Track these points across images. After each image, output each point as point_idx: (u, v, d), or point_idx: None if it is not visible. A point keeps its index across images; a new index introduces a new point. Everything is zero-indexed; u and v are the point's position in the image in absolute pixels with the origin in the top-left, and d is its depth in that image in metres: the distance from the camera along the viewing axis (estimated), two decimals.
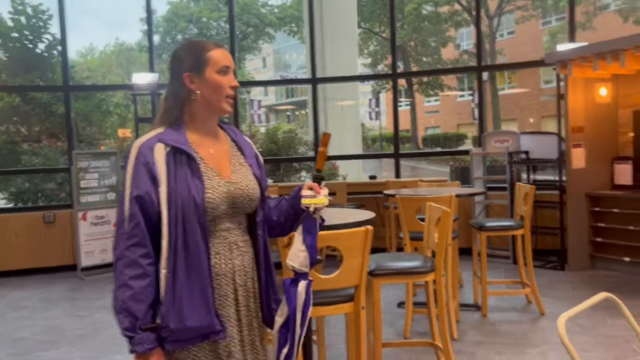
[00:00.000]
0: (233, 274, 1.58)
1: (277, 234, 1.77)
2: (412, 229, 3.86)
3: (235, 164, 1.63)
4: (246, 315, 1.60)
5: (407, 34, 25.12)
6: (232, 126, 1.74)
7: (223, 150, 1.64)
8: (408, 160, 22.03)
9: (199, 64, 1.58)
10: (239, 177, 1.62)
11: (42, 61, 10.81)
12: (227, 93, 1.61)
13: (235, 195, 1.58)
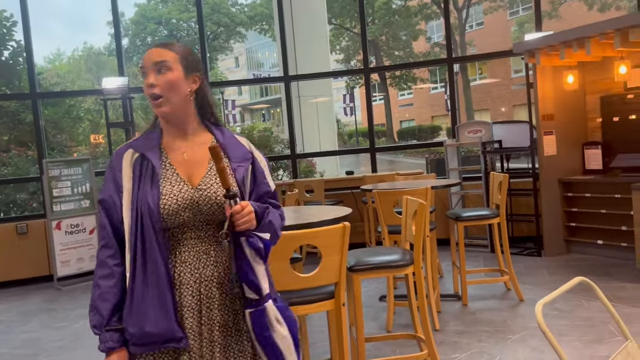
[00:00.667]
0: (199, 285, 1.51)
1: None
2: (390, 223, 3.88)
3: (212, 168, 1.55)
4: (208, 329, 1.52)
5: (378, 29, 25.24)
6: (224, 129, 1.66)
7: (200, 154, 1.57)
8: (385, 154, 22.14)
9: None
10: (210, 182, 1.54)
11: (8, 68, 10.55)
12: (147, 94, 1.55)
13: (200, 202, 1.51)
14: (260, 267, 1.51)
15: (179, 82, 1.54)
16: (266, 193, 1.65)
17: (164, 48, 1.56)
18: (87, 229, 6.41)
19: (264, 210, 1.56)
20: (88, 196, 6.47)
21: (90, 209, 6.45)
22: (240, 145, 1.64)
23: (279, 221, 1.66)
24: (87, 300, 1.53)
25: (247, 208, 1.48)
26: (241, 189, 1.56)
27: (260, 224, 1.54)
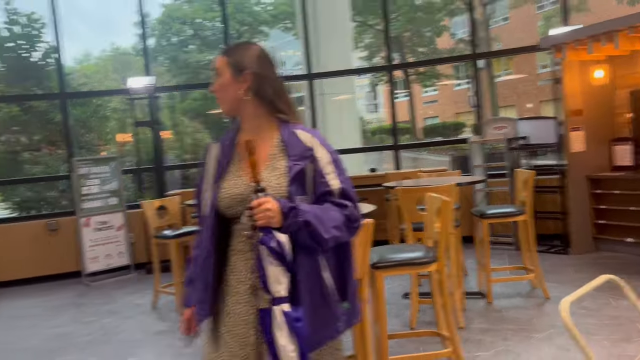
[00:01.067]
0: (250, 273, 1.62)
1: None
2: (414, 220, 3.87)
3: (270, 166, 1.62)
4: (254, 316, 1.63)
5: (402, 25, 25.05)
6: (291, 125, 1.66)
7: (263, 151, 1.64)
8: (408, 151, 22.00)
9: None
10: (263, 177, 1.58)
11: (38, 70, 10.82)
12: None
13: (248, 197, 1.56)
14: (273, 267, 1.50)
15: (227, 86, 1.67)
16: (326, 192, 1.59)
17: (220, 54, 1.71)
18: (115, 226, 6.54)
19: (289, 210, 1.51)
20: (116, 194, 6.60)
21: (118, 207, 6.58)
22: (299, 143, 1.62)
23: (337, 220, 1.56)
24: (117, 295, 1.71)
25: (265, 205, 1.49)
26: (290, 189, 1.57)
27: (285, 223, 1.51)
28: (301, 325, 1.50)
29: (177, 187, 11.55)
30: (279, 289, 1.51)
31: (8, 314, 5.26)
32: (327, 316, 1.60)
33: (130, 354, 3.88)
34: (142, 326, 4.50)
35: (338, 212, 1.59)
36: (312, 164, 1.61)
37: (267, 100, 1.66)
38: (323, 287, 1.59)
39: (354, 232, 1.64)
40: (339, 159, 1.67)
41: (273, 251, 1.50)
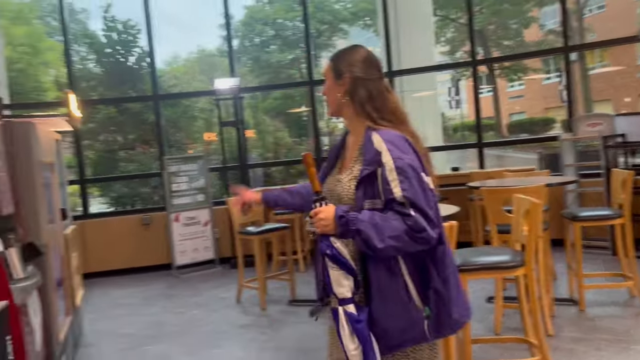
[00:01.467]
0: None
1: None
2: (499, 222, 3.73)
3: (348, 167, 1.75)
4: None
5: (486, 18, 24.16)
6: (372, 130, 1.69)
7: (352, 153, 1.77)
8: (493, 149, 21.19)
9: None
10: (340, 177, 1.75)
11: (133, 73, 11.54)
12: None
13: (328, 192, 1.74)
14: (334, 271, 1.59)
15: (330, 89, 1.79)
16: (389, 200, 1.59)
17: (329, 60, 1.80)
18: (202, 222, 6.84)
19: (339, 218, 1.57)
20: (203, 191, 6.91)
21: (205, 203, 6.88)
22: (372, 149, 1.64)
23: (396, 230, 1.55)
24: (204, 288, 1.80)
25: (319, 214, 1.59)
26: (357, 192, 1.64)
27: (339, 231, 1.57)
28: (361, 326, 1.56)
29: (259, 184, 11.88)
30: (342, 291, 1.58)
31: (109, 302, 5.67)
32: (403, 320, 1.60)
33: (216, 346, 4.05)
34: (227, 319, 4.68)
35: (399, 221, 1.55)
36: (381, 169, 1.61)
37: (359, 103, 1.73)
38: (397, 290, 1.60)
39: (420, 243, 1.56)
40: (406, 166, 1.60)
41: (330, 257, 1.58)
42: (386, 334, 1.59)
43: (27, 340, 2.73)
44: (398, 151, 1.61)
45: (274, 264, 6.17)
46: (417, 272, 1.62)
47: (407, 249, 1.57)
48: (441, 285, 1.63)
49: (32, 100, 16.14)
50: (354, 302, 1.58)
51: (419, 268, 1.63)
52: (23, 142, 3.25)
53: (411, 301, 1.60)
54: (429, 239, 1.57)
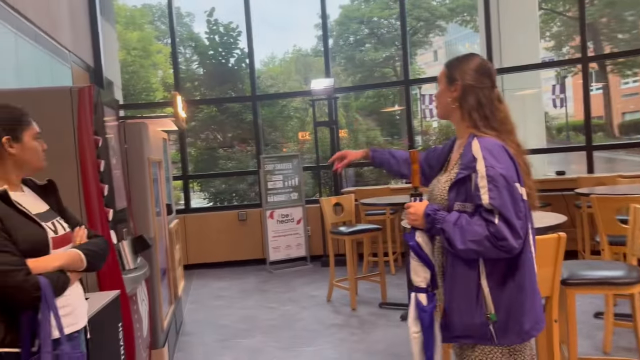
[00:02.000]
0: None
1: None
2: (611, 233, 3.45)
3: (449, 171, 1.83)
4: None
5: (598, 10, 22.46)
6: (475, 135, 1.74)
7: (456, 156, 1.85)
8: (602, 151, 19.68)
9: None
10: (440, 177, 1.85)
11: (233, 74, 12.03)
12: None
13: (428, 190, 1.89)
14: (413, 261, 1.75)
15: (441, 94, 1.86)
16: (478, 205, 1.66)
17: (444, 65, 1.87)
18: (295, 219, 6.98)
19: (434, 217, 1.69)
20: (297, 189, 7.04)
21: (298, 201, 7.01)
22: (469, 154, 1.71)
23: (477, 235, 1.61)
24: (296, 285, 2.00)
25: (412, 209, 1.74)
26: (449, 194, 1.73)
27: (426, 227, 1.72)
28: (424, 316, 1.71)
29: (351, 184, 11.92)
30: (417, 280, 1.75)
31: (208, 293, 5.95)
32: (467, 318, 1.70)
33: (308, 344, 4.10)
34: (318, 318, 4.73)
35: (482, 227, 1.62)
36: (474, 174, 1.68)
37: (467, 110, 1.79)
38: (470, 290, 1.68)
39: (501, 251, 1.61)
40: (497, 175, 1.63)
41: (411, 248, 1.75)
42: (451, 324, 1.73)
43: (135, 328, 2.93)
44: (493, 160, 1.66)
45: (364, 265, 6.15)
46: (493, 277, 1.68)
47: (488, 254, 1.64)
48: (515, 293, 1.68)
49: (142, 100, 17.38)
50: (426, 292, 1.73)
51: (497, 273, 1.68)
52: (136, 141, 3.49)
53: (479, 303, 1.68)
54: (510, 249, 1.61)
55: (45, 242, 1.73)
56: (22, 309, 1.63)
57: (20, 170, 1.80)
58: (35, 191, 1.86)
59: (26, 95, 2.92)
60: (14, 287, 1.59)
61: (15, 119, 1.77)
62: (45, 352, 1.62)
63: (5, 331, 1.63)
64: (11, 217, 1.66)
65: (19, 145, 1.76)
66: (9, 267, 1.59)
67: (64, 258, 1.75)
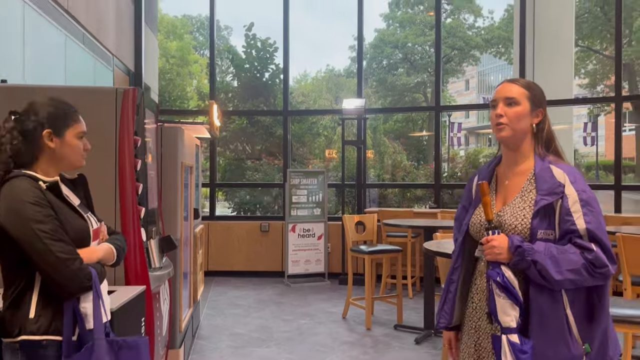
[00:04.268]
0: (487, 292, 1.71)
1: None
2: (635, 273, 3.42)
3: (519, 197, 1.72)
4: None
5: (635, 52, 22.23)
6: (548, 159, 1.72)
7: (516, 182, 1.76)
8: (632, 193, 19.31)
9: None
10: (509, 210, 1.72)
11: (267, 88, 12.23)
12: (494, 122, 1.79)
13: (498, 222, 1.72)
14: (501, 299, 1.61)
15: (522, 116, 1.72)
16: (569, 232, 1.62)
17: (516, 84, 1.76)
18: (316, 235, 7.03)
19: (515, 249, 1.60)
20: (320, 205, 7.11)
21: (320, 217, 7.07)
22: (552, 179, 1.67)
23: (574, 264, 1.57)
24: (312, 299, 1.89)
25: (493, 242, 1.64)
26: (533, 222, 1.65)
27: (512, 260, 1.62)
28: (526, 357, 1.57)
29: (374, 205, 11.93)
30: (507, 320, 1.61)
31: (226, 300, 6.02)
32: (561, 353, 1.61)
33: (319, 358, 4.13)
34: (333, 333, 4.75)
35: (579, 255, 1.59)
36: (561, 200, 1.63)
37: (545, 139, 1.76)
38: (560, 323, 1.61)
39: (600, 278, 1.60)
40: (592, 199, 1.64)
41: (498, 285, 1.61)
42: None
43: (156, 325, 3.01)
44: (582, 184, 1.66)
45: (382, 286, 6.16)
46: (578, 305, 1.63)
47: (584, 283, 1.60)
48: (606, 320, 1.65)
49: (177, 107, 17.77)
50: (518, 332, 1.60)
51: (578, 301, 1.64)
52: (171, 145, 3.62)
53: (572, 335, 1.61)
54: (608, 275, 1.59)
55: (88, 234, 1.79)
56: (71, 297, 1.67)
57: (58, 166, 1.79)
58: (66, 184, 1.87)
59: (74, 92, 3.06)
60: (69, 275, 1.63)
61: (60, 114, 1.78)
62: (99, 339, 1.67)
63: (51, 319, 1.67)
64: (61, 208, 1.72)
65: (58, 140, 1.76)
66: (66, 256, 1.63)
67: (102, 251, 1.81)
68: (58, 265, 1.62)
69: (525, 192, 1.72)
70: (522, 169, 1.76)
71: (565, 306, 1.62)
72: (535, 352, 1.59)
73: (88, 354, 1.65)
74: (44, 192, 1.67)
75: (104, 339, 1.69)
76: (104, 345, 1.68)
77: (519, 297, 1.61)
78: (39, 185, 1.68)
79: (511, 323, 1.60)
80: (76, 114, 1.84)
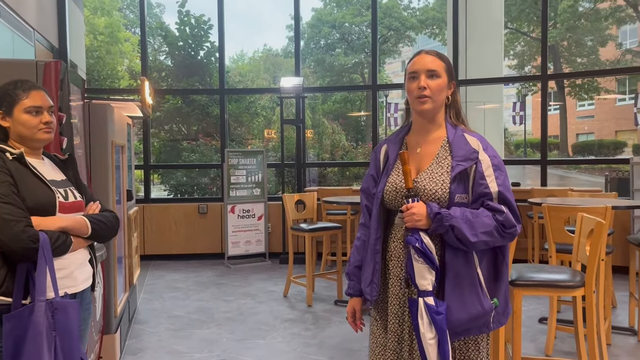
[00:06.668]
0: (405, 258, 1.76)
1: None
2: (559, 241, 3.61)
3: (435, 162, 1.77)
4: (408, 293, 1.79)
5: (560, 34, 23.35)
6: (460, 127, 1.80)
7: (430, 150, 1.80)
8: (556, 169, 20.45)
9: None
10: (425, 177, 1.76)
11: (202, 67, 11.91)
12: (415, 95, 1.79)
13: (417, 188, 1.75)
14: (419, 265, 1.68)
15: (444, 87, 1.79)
16: (483, 194, 1.70)
17: (433, 56, 1.80)
18: (256, 215, 6.98)
19: (435, 215, 1.67)
20: (260, 185, 7.05)
21: (260, 197, 7.02)
22: (467, 145, 1.75)
23: (487, 226, 1.66)
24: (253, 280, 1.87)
25: (412, 209, 1.69)
26: (451, 186, 1.71)
27: (432, 226, 1.68)
28: (441, 318, 1.65)
29: (314, 184, 11.98)
30: (424, 283, 1.67)
31: (164, 284, 5.88)
32: (475, 309, 1.70)
33: (261, 337, 4.12)
34: (274, 312, 4.76)
35: (491, 218, 1.68)
36: (475, 165, 1.72)
37: (454, 108, 1.84)
38: (472, 282, 1.70)
39: (509, 238, 1.71)
40: (501, 164, 1.75)
41: (417, 250, 1.68)
42: (457, 322, 1.69)
43: None
44: (493, 150, 1.77)
45: (323, 263, 6.21)
46: (490, 265, 1.74)
47: (495, 244, 1.71)
48: (504, 277, 1.76)
49: (107, 87, 17.00)
50: (433, 294, 1.67)
51: (493, 261, 1.75)
52: (100, 123, 3.44)
53: (483, 291, 1.72)
54: (515, 234, 1.71)
55: (52, 204, 1.85)
56: (18, 259, 1.73)
57: (23, 142, 1.91)
58: (56, 164, 2.02)
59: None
60: (11, 236, 1.70)
61: (4, 95, 1.90)
62: (39, 301, 1.73)
63: (3, 279, 1.73)
64: (23, 176, 1.81)
65: (10, 119, 1.89)
66: (10, 217, 1.71)
67: (69, 221, 1.87)
68: (2, 225, 1.70)
69: (441, 159, 1.77)
70: (435, 137, 1.81)
71: (476, 265, 1.71)
72: (451, 311, 1.67)
73: (28, 313, 1.72)
74: (5, 162, 1.79)
75: (44, 300, 1.75)
76: (42, 306, 1.74)
77: (436, 262, 1.68)
78: (4, 156, 1.81)
79: (428, 286, 1.67)
80: (19, 89, 1.92)
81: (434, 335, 1.65)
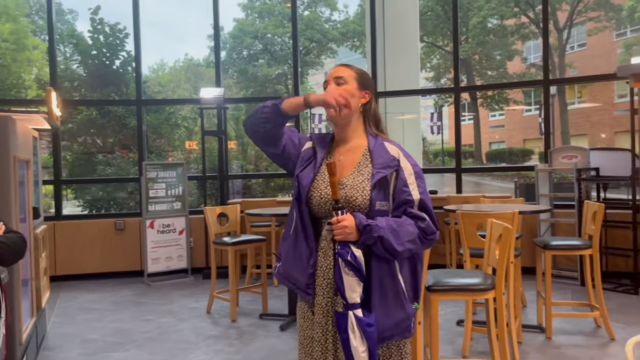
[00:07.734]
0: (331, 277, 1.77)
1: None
2: (473, 246, 3.78)
3: (356, 171, 1.79)
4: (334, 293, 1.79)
5: (472, 48, 24.69)
6: (380, 137, 1.84)
7: (350, 158, 1.83)
8: (471, 176, 21.48)
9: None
10: (348, 183, 1.77)
11: (118, 76, 11.44)
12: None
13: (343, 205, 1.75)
14: (349, 277, 1.67)
15: (352, 94, 1.82)
16: (405, 202, 1.74)
17: (341, 66, 1.88)
18: (177, 230, 6.77)
19: (364, 227, 1.67)
20: (180, 199, 6.85)
21: (181, 211, 6.82)
22: (387, 154, 1.79)
23: (411, 235, 1.70)
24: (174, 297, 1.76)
25: (343, 222, 1.67)
26: (372, 193, 1.73)
27: (361, 238, 1.68)
28: (372, 330, 1.66)
29: (238, 196, 11.83)
30: (354, 296, 1.67)
31: (77, 306, 5.55)
32: (399, 315, 1.75)
33: (182, 356, 3.99)
34: (196, 329, 4.62)
35: (414, 226, 1.72)
36: (397, 173, 1.75)
37: (373, 117, 1.88)
38: (396, 288, 1.74)
39: (429, 244, 1.78)
40: (421, 173, 1.80)
41: (348, 264, 1.67)
42: (383, 328, 1.71)
43: None
44: (412, 159, 1.82)
45: (247, 277, 6.13)
46: (409, 271, 1.79)
47: (418, 251, 1.77)
48: (418, 283, 1.82)
49: (12, 97, 15.93)
50: (361, 307, 1.68)
51: (412, 267, 1.80)
52: (1, 137, 3.20)
53: (405, 297, 1.77)
54: (435, 241, 1.78)
55: None
56: None
57: None
58: None
59: None
60: None
61: None
62: None
63: None
64: None
65: None
66: None
67: None
68: None
69: (362, 167, 1.80)
70: (355, 146, 1.85)
71: (397, 272, 1.75)
72: (378, 319, 1.70)
73: None
74: None
75: None
76: None
77: (364, 274, 1.69)
78: None
79: (357, 299, 1.67)
80: None
81: (365, 347, 1.66)
